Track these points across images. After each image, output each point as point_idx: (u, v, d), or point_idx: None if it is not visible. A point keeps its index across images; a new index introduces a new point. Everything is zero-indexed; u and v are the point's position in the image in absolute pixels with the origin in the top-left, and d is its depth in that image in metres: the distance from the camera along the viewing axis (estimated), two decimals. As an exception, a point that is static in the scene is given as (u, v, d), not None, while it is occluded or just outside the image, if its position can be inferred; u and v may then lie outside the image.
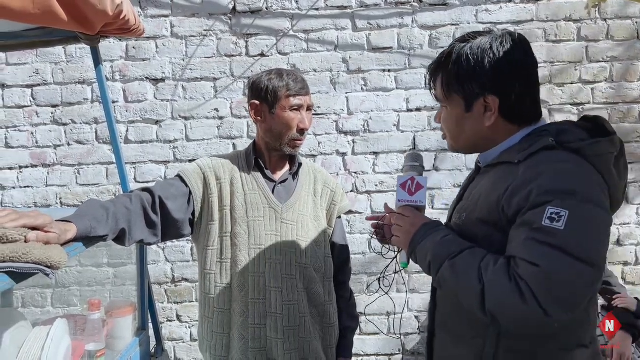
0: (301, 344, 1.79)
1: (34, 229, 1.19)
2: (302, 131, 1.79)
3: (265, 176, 1.84)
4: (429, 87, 1.40)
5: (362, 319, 3.37)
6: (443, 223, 1.38)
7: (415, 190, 1.42)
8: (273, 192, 1.83)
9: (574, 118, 3.30)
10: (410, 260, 1.38)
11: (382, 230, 1.63)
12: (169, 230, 1.72)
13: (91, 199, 1.56)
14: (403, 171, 1.50)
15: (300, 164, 1.90)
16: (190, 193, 1.77)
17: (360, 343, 3.37)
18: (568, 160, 1.16)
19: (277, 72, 1.80)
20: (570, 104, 3.31)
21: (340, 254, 1.96)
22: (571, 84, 3.31)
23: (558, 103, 3.31)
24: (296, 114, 1.77)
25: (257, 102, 1.81)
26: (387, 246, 1.64)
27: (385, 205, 1.59)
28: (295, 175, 1.89)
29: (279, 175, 1.87)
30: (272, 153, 1.85)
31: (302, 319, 1.79)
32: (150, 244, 1.73)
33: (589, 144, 1.19)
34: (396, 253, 1.54)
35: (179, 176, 1.80)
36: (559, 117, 3.30)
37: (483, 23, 3.28)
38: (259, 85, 1.79)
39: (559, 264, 1.07)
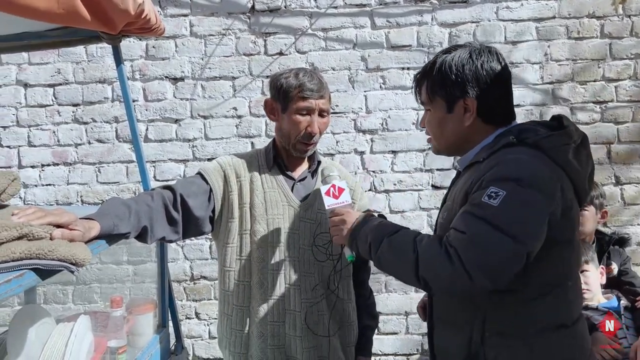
0: (320, 342, 1.79)
1: (58, 226, 1.21)
2: (309, 135, 1.76)
3: (284, 174, 1.84)
4: (415, 93, 1.55)
5: (380, 318, 3.36)
6: (377, 214, 1.53)
7: (339, 194, 1.59)
8: (292, 190, 1.82)
9: (597, 116, 3.25)
10: (354, 253, 1.53)
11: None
12: (190, 227, 1.73)
13: (113, 197, 1.58)
14: (322, 183, 1.65)
15: (319, 162, 1.90)
16: (211, 190, 1.77)
17: (378, 342, 3.36)
18: (523, 152, 1.29)
19: (295, 72, 1.78)
20: (593, 102, 3.26)
21: None
22: (594, 81, 3.26)
23: (580, 101, 3.26)
24: (305, 118, 1.75)
25: (271, 100, 1.82)
26: (327, 252, 1.77)
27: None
28: (314, 173, 1.89)
29: (298, 173, 1.86)
30: (288, 151, 1.84)
31: (321, 316, 1.79)
32: (171, 241, 1.74)
33: (543, 137, 1.32)
34: (340, 252, 1.66)
35: (199, 174, 1.81)
36: (581, 116, 3.25)
37: (504, 20, 3.25)
38: (275, 84, 1.79)
39: (484, 233, 1.19)
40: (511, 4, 3.24)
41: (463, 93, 1.40)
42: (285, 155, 1.85)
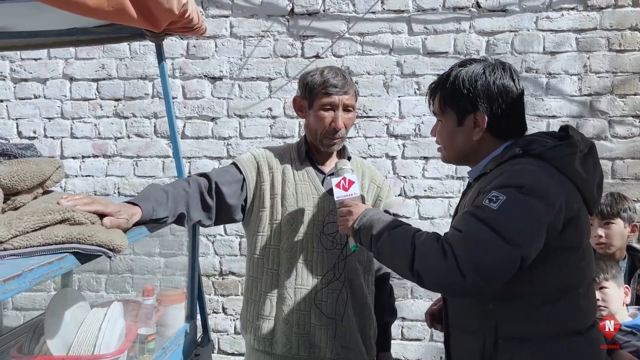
0: (344, 333, 1.82)
1: (103, 215, 1.27)
2: (333, 130, 1.80)
3: (315, 168, 1.89)
4: (428, 103, 1.58)
5: (405, 323, 3.36)
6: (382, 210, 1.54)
7: (348, 186, 1.64)
8: (323, 184, 1.87)
9: (636, 130, 3.18)
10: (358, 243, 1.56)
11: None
12: (222, 214, 1.78)
13: (152, 184, 1.64)
14: (334, 176, 1.69)
15: (349, 158, 1.94)
16: (244, 180, 1.83)
17: (401, 348, 3.35)
18: (528, 163, 1.33)
19: (321, 70, 1.83)
20: (632, 116, 3.19)
21: None
22: (634, 95, 3.19)
23: (619, 115, 3.20)
24: (329, 113, 1.80)
25: (299, 98, 1.88)
26: (334, 241, 1.81)
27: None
28: None
29: (328, 168, 1.91)
30: (318, 147, 1.89)
31: (346, 308, 1.83)
32: (205, 226, 1.80)
33: (548, 148, 1.36)
34: (345, 240, 1.71)
35: (234, 164, 1.87)
36: (619, 130, 3.19)
37: (543, 30, 3.21)
38: (303, 81, 1.85)
39: (480, 233, 1.22)
40: (551, 14, 3.20)
41: (474, 108, 1.43)
42: (316, 150, 1.91)
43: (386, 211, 1.98)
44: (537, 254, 1.26)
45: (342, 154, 1.94)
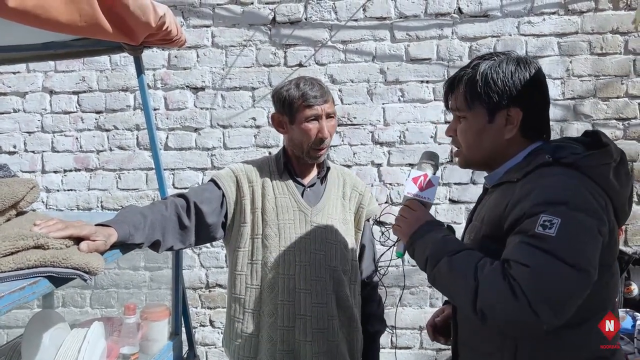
0: (330, 347, 1.79)
1: (79, 238, 1.23)
2: (320, 140, 1.79)
3: (294, 180, 1.87)
4: (445, 98, 1.44)
5: (394, 332, 3.34)
6: (445, 225, 1.42)
7: (425, 187, 1.45)
8: (302, 196, 1.85)
9: (619, 133, 3.20)
10: (406, 252, 1.43)
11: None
12: (202, 233, 1.75)
13: (131, 205, 1.61)
14: (417, 167, 1.51)
15: (328, 168, 1.93)
16: (224, 196, 1.81)
17: (391, 357, 3.33)
18: (561, 173, 1.22)
19: (296, 82, 1.82)
20: (616, 119, 3.21)
21: (369, 257, 1.98)
22: (617, 98, 3.21)
23: (602, 118, 3.22)
24: (314, 124, 1.78)
25: (277, 114, 1.86)
26: (386, 235, 1.62)
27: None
28: (323, 179, 1.92)
29: (307, 180, 1.90)
30: (299, 159, 1.87)
31: (331, 321, 1.80)
32: (181, 249, 1.77)
33: (582, 156, 1.24)
34: (394, 242, 1.56)
35: (212, 180, 1.85)
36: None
37: (525, 35, 3.22)
38: (279, 97, 1.83)
39: (549, 266, 1.11)
40: (533, 18, 3.22)
41: (509, 102, 1.30)
42: (296, 162, 1.89)
43: (373, 220, 1.96)
44: None
45: (322, 164, 1.92)
